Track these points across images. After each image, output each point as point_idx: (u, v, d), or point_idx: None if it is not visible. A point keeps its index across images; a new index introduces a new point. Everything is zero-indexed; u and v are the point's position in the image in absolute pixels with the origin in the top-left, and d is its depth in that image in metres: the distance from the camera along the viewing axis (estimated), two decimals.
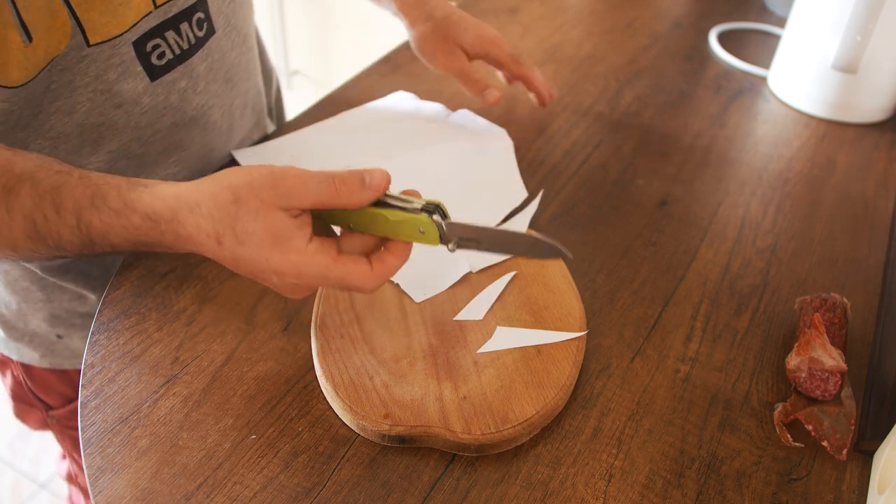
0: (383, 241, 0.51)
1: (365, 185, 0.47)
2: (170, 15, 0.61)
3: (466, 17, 0.80)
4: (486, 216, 0.70)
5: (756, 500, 0.51)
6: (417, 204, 0.49)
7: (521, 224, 0.70)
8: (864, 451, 0.54)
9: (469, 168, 0.76)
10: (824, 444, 0.54)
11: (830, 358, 0.55)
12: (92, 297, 0.72)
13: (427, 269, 0.62)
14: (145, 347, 0.58)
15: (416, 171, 0.74)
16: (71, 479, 0.95)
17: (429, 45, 0.79)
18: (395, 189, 0.50)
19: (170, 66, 0.63)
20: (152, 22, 0.60)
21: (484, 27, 0.80)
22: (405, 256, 0.50)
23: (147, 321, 0.60)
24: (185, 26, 0.63)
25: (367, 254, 0.50)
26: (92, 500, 0.49)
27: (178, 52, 0.63)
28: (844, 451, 0.53)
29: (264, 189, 0.45)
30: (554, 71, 0.98)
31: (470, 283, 0.63)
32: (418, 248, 0.51)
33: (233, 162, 0.77)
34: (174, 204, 0.47)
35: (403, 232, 0.49)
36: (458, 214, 0.56)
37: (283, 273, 0.47)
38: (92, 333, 0.59)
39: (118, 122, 0.62)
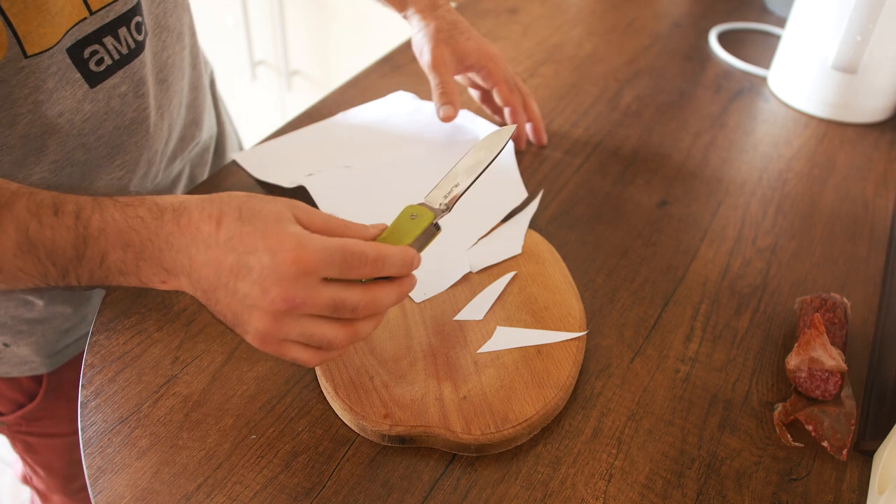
0: None
1: (369, 229, 0.50)
2: (107, 20, 0.60)
3: (472, 30, 0.80)
4: (486, 217, 0.70)
5: (756, 500, 0.51)
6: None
7: (521, 223, 0.70)
8: (864, 451, 0.54)
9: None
10: (824, 444, 0.54)
11: (830, 358, 0.55)
12: (39, 303, 0.70)
13: (427, 270, 0.62)
14: (145, 347, 0.58)
15: (414, 172, 0.74)
16: (27, 481, 0.93)
17: (426, 42, 0.78)
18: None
19: (110, 72, 0.62)
20: (87, 28, 0.58)
21: (487, 43, 0.80)
22: (404, 248, 0.49)
23: (147, 321, 0.60)
24: (123, 31, 0.61)
25: None
26: (92, 500, 0.49)
27: (117, 57, 0.62)
28: (844, 451, 0.53)
29: (280, 198, 0.48)
30: (554, 71, 0.98)
31: (470, 283, 0.63)
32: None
33: (233, 166, 0.77)
34: (186, 198, 0.47)
35: (400, 232, 0.51)
36: (457, 215, 0.57)
37: (278, 250, 0.44)
38: (92, 333, 0.59)
39: (61, 129, 0.61)
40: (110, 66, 0.62)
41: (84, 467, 0.51)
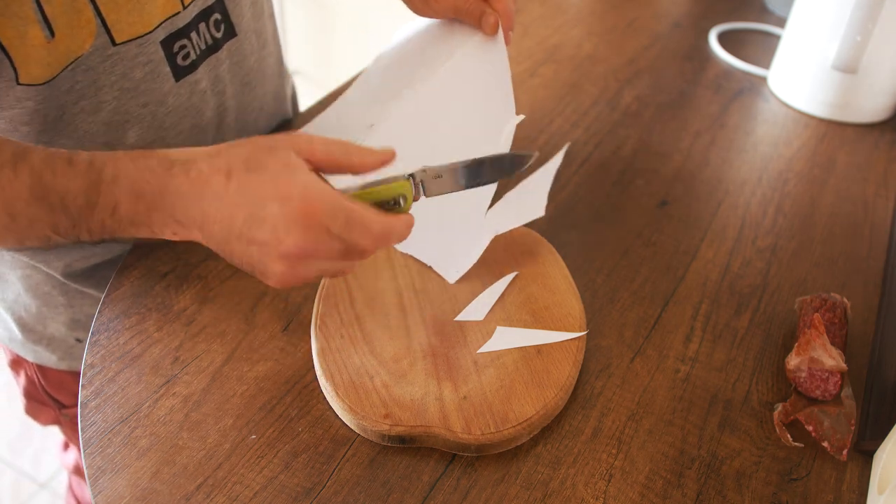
0: None
1: (375, 154, 0.49)
2: (193, 15, 0.62)
3: None
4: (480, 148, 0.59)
5: (756, 500, 0.51)
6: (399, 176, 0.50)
7: (543, 180, 0.59)
8: (864, 451, 0.54)
9: (461, 97, 0.64)
10: (824, 444, 0.54)
11: (830, 358, 0.55)
12: None
13: (450, 245, 0.61)
14: (145, 347, 0.58)
15: (418, 118, 0.63)
16: (79, 471, 0.96)
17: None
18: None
19: (193, 67, 0.64)
20: (179, 23, 0.61)
21: None
22: (406, 219, 0.50)
23: (147, 321, 0.60)
24: (203, 26, 0.64)
25: None
26: (92, 500, 0.49)
27: (198, 52, 0.64)
28: (844, 452, 0.53)
29: (280, 135, 0.48)
30: (554, 71, 0.98)
31: (470, 284, 0.63)
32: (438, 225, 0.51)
33: None
34: (193, 151, 0.48)
35: (378, 193, 0.49)
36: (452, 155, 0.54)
37: (289, 197, 0.44)
38: (92, 333, 0.59)
39: (143, 121, 0.62)
40: (194, 60, 0.64)
41: (84, 467, 0.51)
